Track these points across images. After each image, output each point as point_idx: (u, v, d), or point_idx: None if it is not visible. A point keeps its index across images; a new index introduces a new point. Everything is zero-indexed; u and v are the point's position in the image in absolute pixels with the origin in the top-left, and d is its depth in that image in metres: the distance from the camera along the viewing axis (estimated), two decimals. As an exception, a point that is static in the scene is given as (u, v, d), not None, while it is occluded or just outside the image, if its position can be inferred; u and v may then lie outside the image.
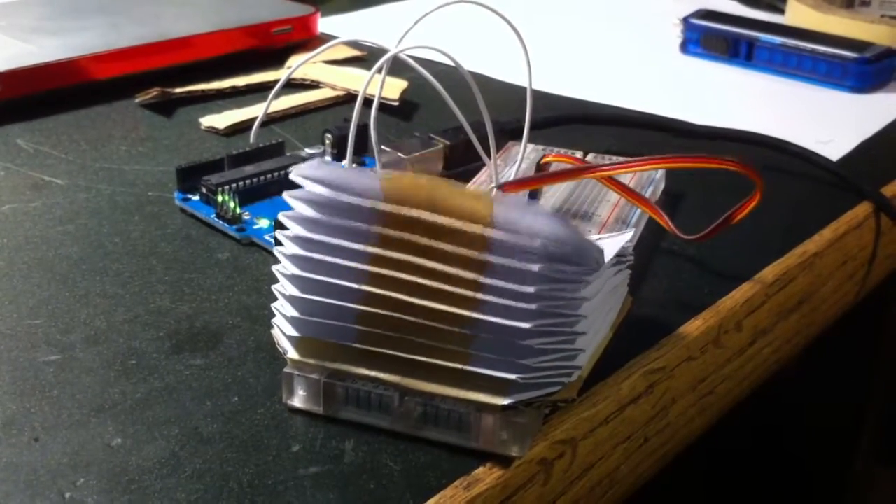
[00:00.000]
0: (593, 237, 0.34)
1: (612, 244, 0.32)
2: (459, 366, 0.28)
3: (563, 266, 0.28)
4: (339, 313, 0.29)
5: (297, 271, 0.29)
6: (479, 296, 0.28)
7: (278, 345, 0.31)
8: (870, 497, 0.75)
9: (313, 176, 0.28)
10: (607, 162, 0.38)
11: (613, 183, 0.38)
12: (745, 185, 0.36)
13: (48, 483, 0.27)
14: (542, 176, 0.39)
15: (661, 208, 0.39)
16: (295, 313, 0.30)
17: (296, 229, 0.29)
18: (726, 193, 0.38)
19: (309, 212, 0.29)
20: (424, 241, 0.28)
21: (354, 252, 0.28)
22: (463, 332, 0.28)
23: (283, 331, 0.30)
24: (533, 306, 0.27)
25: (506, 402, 0.28)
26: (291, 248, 0.29)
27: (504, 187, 0.36)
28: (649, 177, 0.44)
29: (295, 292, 0.29)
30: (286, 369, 0.30)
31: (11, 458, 0.28)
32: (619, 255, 0.31)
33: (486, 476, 0.28)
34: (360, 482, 0.28)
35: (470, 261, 0.28)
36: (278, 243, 0.30)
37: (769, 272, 0.40)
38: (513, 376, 0.28)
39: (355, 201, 0.28)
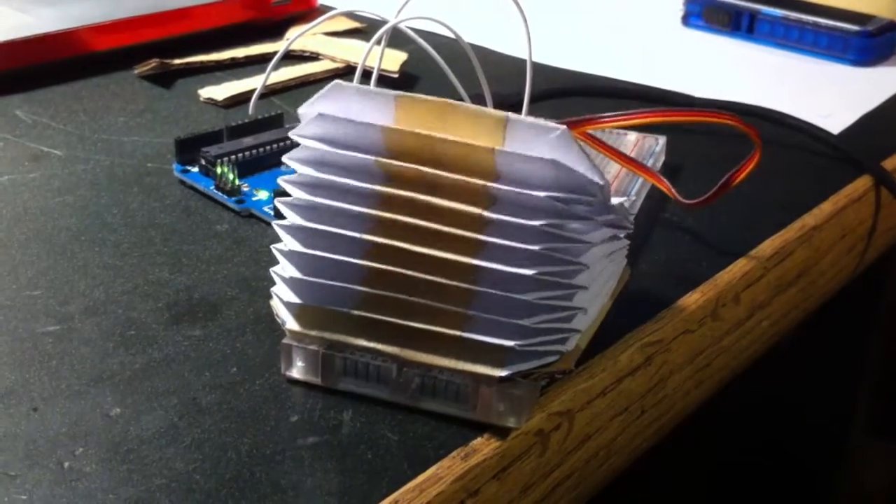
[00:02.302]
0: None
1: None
2: (458, 332, 0.28)
3: (567, 196, 0.28)
4: (342, 271, 0.29)
5: (300, 221, 0.29)
6: (483, 237, 0.28)
7: (277, 316, 0.31)
8: (865, 471, 0.75)
9: (319, 112, 0.29)
10: (608, 114, 0.38)
11: (614, 152, 0.37)
12: (745, 156, 0.36)
13: (47, 453, 0.27)
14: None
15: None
16: (296, 273, 0.30)
17: (302, 170, 0.29)
18: (725, 166, 0.38)
19: (318, 145, 0.29)
20: (430, 171, 0.28)
21: (359, 194, 0.29)
22: (464, 286, 0.28)
23: (282, 299, 0.30)
24: (536, 247, 0.27)
25: (503, 373, 0.28)
26: (297, 192, 0.29)
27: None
28: (650, 148, 0.44)
29: (297, 247, 0.29)
30: (285, 340, 0.30)
31: (10, 428, 0.28)
32: (618, 217, 0.31)
33: (483, 447, 0.28)
34: (358, 452, 0.28)
35: (475, 194, 0.28)
36: (281, 194, 0.30)
37: (768, 246, 0.40)
38: (510, 343, 0.28)
39: (366, 124, 0.28)
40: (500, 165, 0.28)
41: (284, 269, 0.30)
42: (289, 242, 0.30)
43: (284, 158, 0.30)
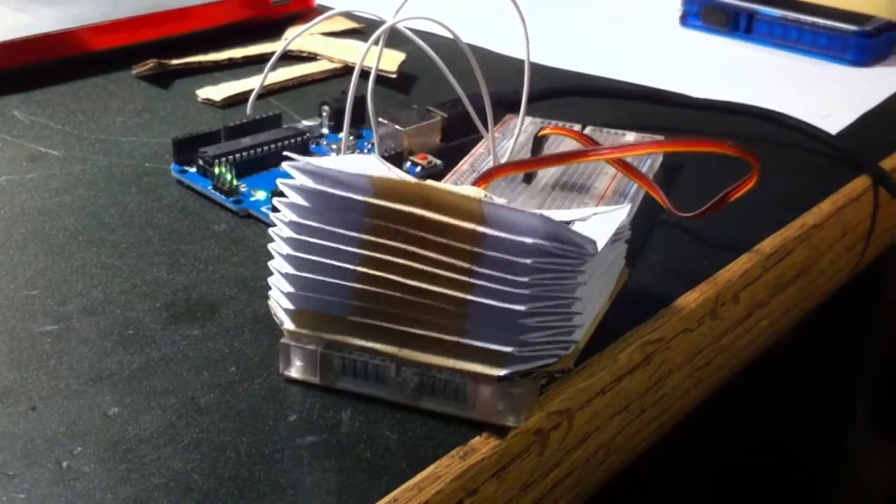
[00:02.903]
0: (591, 210, 0.34)
1: (608, 221, 0.32)
2: (455, 338, 0.28)
3: (555, 259, 0.28)
4: (334, 290, 0.29)
5: (291, 251, 0.29)
6: (473, 280, 0.28)
7: (275, 316, 0.31)
8: (865, 470, 0.75)
9: (305, 169, 0.29)
10: (605, 146, 0.37)
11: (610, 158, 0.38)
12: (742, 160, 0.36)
13: (45, 452, 0.27)
14: (535, 160, 0.39)
15: (657, 183, 0.39)
16: (290, 289, 0.30)
17: (289, 215, 0.29)
18: (724, 168, 0.38)
19: (301, 201, 0.29)
20: (416, 233, 0.28)
21: (347, 237, 0.29)
22: (457, 310, 0.28)
23: (279, 303, 0.30)
24: (527, 291, 0.27)
25: (502, 372, 0.28)
26: (285, 230, 0.29)
27: (497, 171, 0.36)
28: (647, 149, 0.44)
29: (290, 270, 0.29)
30: (283, 340, 0.30)
31: (9, 427, 0.28)
32: (616, 234, 0.31)
33: (482, 446, 0.28)
34: (357, 451, 0.28)
35: (462, 252, 0.28)
36: (275, 214, 0.30)
37: (767, 244, 0.40)
38: (508, 349, 0.28)
39: (346, 194, 0.28)
40: (484, 233, 0.28)
41: (279, 282, 0.30)
42: (282, 266, 0.30)
43: (275, 202, 0.30)
